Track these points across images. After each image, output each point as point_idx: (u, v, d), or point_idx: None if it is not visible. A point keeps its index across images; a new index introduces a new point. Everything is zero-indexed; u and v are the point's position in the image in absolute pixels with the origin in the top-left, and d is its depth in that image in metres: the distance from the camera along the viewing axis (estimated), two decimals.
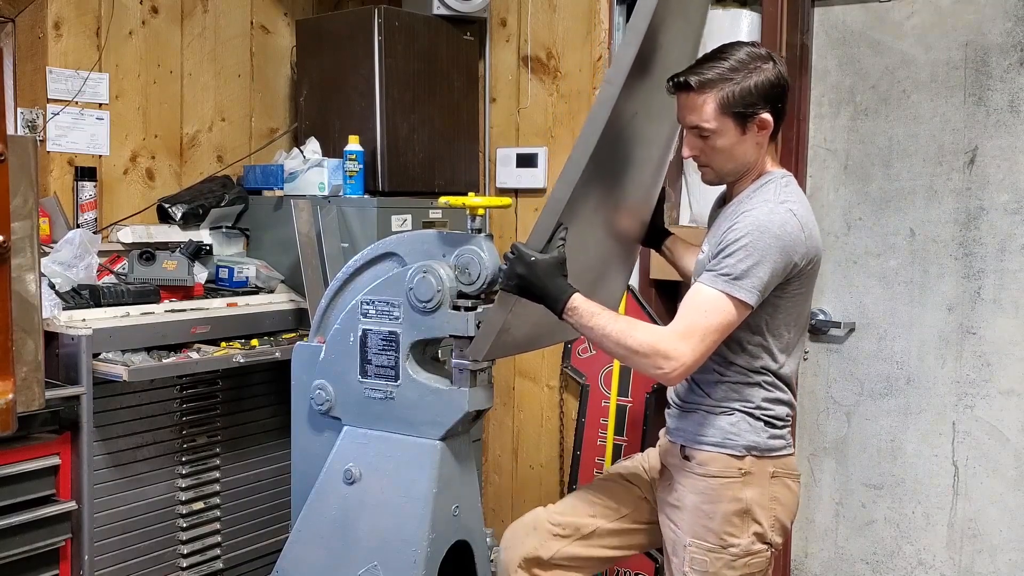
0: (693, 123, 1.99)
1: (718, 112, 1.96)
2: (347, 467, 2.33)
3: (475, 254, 2.19)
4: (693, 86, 1.96)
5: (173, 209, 3.22)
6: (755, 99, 1.96)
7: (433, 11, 3.48)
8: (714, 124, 1.97)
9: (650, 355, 1.89)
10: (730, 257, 1.91)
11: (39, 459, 2.49)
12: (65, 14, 3.08)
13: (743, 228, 1.93)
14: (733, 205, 2.07)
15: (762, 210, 1.95)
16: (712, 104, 1.95)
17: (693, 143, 2.03)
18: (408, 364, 2.28)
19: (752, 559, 2.05)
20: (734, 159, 2.02)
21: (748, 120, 1.97)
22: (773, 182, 2.04)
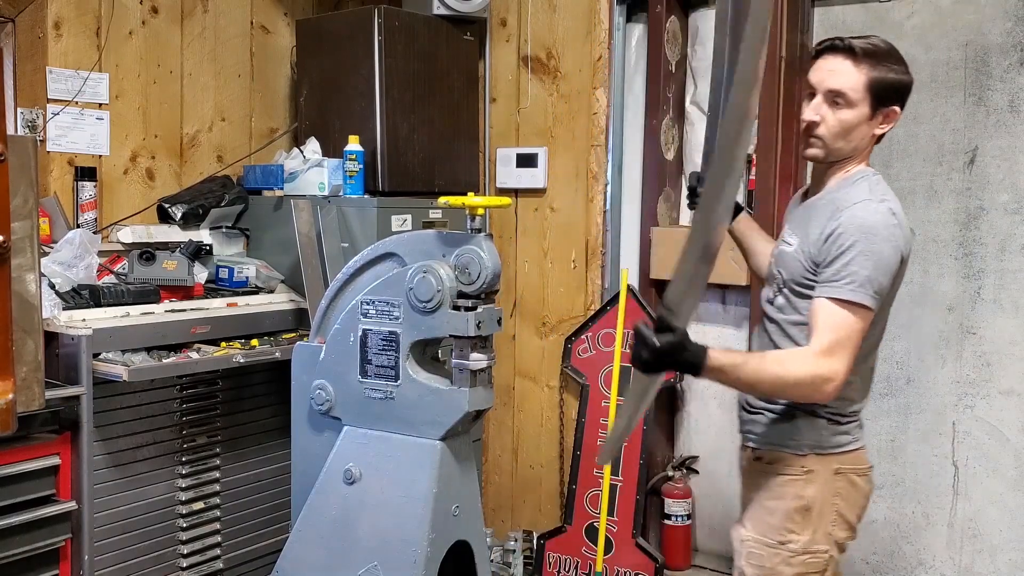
0: (836, 86, 1.95)
1: (866, 86, 1.94)
2: (347, 467, 2.33)
3: (475, 254, 2.19)
4: (857, 52, 1.95)
5: (173, 209, 3.22)
6: (897, 93, 1.98)
7: (433, 11, 3.48)
8: (856, 95, 1.94)
9: (812, 382, 1.85)
10: (850, 264, 1.87)
11: (39, 459, 2.48)
12: (65, 14, 3.08)
13: (853, 232, 1.89)
14: (825, 198, 2.02)
15: (866, 209, 1.92)
16: (864, 77, 1.94)
17: (820, 108, 1.98)
18: (408, 364, 2.28)
19: (810, 558, 2.02)
20: (850, 138, 1.98)
21: (883, 107, 1.97)
22: (866, 179, 2.01)
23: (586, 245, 3.58)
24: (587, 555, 3.43)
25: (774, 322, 2.05)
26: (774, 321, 2.05)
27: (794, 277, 1.99)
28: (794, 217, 2.11)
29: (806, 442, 2.03)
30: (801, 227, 2.02)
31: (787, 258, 2.03)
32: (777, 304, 2.05)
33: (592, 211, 3.55)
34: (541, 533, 3.56)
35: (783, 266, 2.03)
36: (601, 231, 3.54)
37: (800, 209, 2.10)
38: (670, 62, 3.45)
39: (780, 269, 2.04)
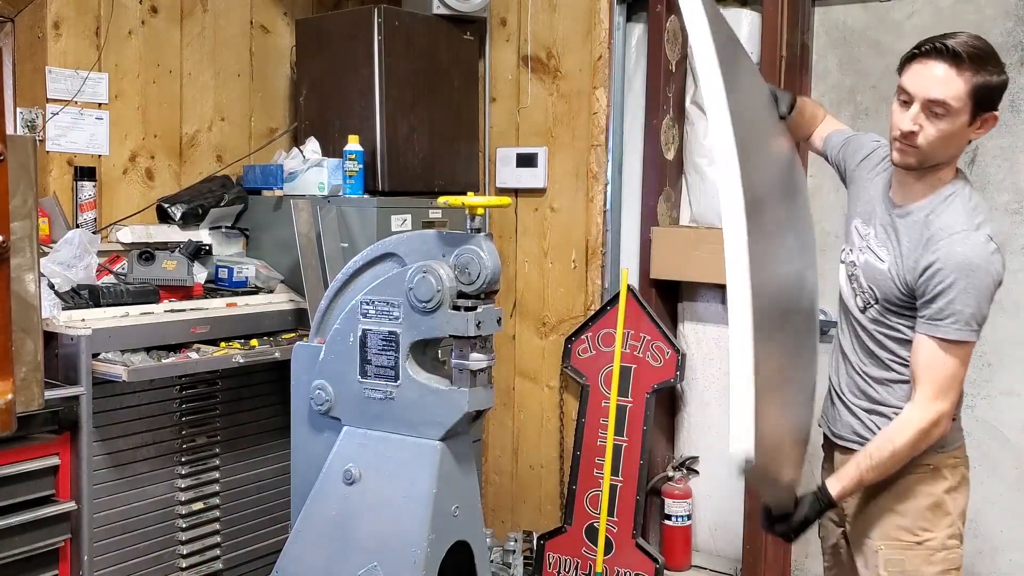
0: (938, 96, 1.81)
1: (969, 94, 1.81)
2: (347, 467, 2.33)
3: (475, 253, 2.19)
4: (962, 57, 1.79)
5: (172, 209, 3.22)
6: (997, 97, 1.86)
7: (433, 11, 3.48)
8: (958, 104, 1.81)
9: (928, 432, 1.89)
10: (953, 303, 1.83)
11: (39, 459, 2.48)
12: (65, 14, 3.07)
13: (953, 270, 1.83)
14: (916, 215, 1.94)
15: (965, 243, 1.85)
16: (967, 84, 1.80)
17: (918, 118, 1.84)
18: (408, 364, 2.28)
19: (949, 553, 1.99)
20: (948, 148, 1.88)
21: (982, 112, 1.85)
22: (958, 196, 1.92)
23: (586, 245, 3.58)
24: (587, 555, 3.43)
25: (866, 331, 2.02)
26: (866, 330, 2.02)
27: (888, 297, 1.95)
28: (878, 220, 2.01)
29: None
30: (891, 241, 1.96)
31: (880, 276, 1.96)
32: (870, 315, 2.00)
33: (592, 211, 3.55)
34: (541, 533, 3.56)
35: (876, 284, 1.97)
36: (601, 231, 3.54)
37: (887, 216, 1.99)
38: (670, 62, 3.45)
39: (872, 286, 1.98)
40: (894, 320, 1.96)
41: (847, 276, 2.07)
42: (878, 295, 1.96)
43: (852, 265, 2.04)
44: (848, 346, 2.07)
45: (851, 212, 2.12)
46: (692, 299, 3.56)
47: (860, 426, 2.05)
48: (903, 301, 1.93)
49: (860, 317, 2.02)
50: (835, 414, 2.12)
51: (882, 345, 1.99)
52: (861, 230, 2.04)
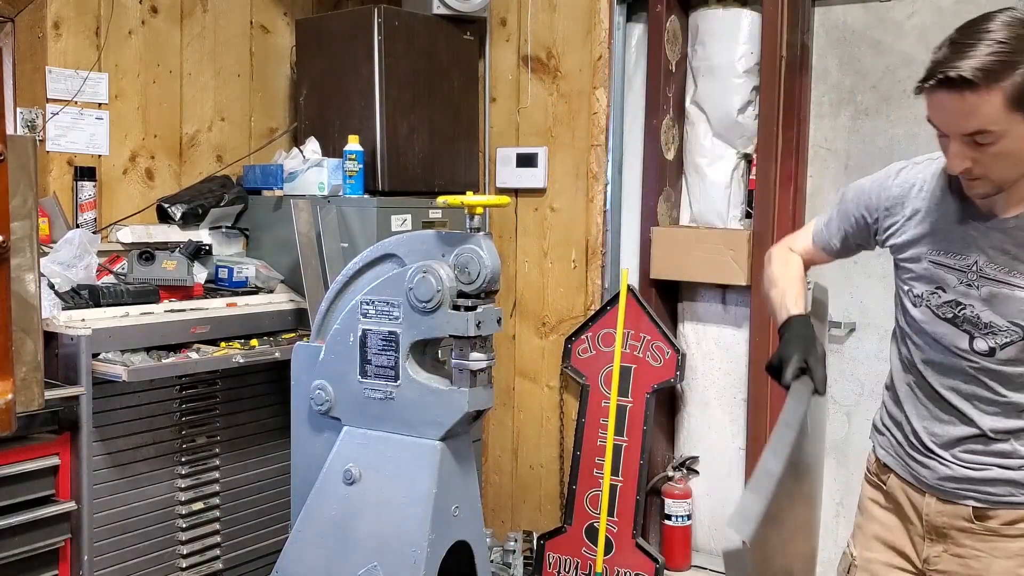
0: (972, 128, 1.49)
1: (1008, 107, 1.46)
2: (347, 467, 2.33)
3: (474, 253, 2.19)
4: (975, 80, 1.45)
5: (173, 209, 3.22)
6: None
7: (433, 11, 3.48)
8: (1003, 125, 1.47)
9: None
10: None
11: (39, 459, 2.48)
12: (65, 14, 3.07)
13: None
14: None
15: None
16: (999, 100, 1.45)
17: (964, 153, 1.52)
18: (408, 364, 2.28)
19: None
20: (1019, 162, 1.54)
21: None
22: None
23: (586, 245, 3.58)
24: (587, 555, 3.43)
25: (995, 375, 1.65)
26: (995, 375, 1.65)
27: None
28: (979, 244, 1.64)
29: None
30: (1019, 260, 1.60)
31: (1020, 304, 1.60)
32: (1004, 356, 1.63)
33: (592, 211, 3.55)
34: (541, 533, 3.56)
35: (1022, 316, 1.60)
36: (601, 231, 3.54)
37: (997, 233, 1.63)
38: (670, 62, 3.45)
39: (1020, 320, 1.60)
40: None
41: (949, 319, 1.68)
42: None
43: (955, 306, 1.67)
44: (950, 398, 1.71)
45: (914, 252, 1.74)
46: (692, 299, 3.56)
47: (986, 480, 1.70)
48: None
49: (984, 362, 1.65)
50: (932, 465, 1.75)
51: (1013, 389, 1.65)
52: (953, 263, 1.68)
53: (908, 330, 1.76)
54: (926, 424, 1.74)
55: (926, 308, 1.71)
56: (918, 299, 1.72)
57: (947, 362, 1.69)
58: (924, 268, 1.70)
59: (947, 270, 1.67)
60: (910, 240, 1.73)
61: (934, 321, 1.70)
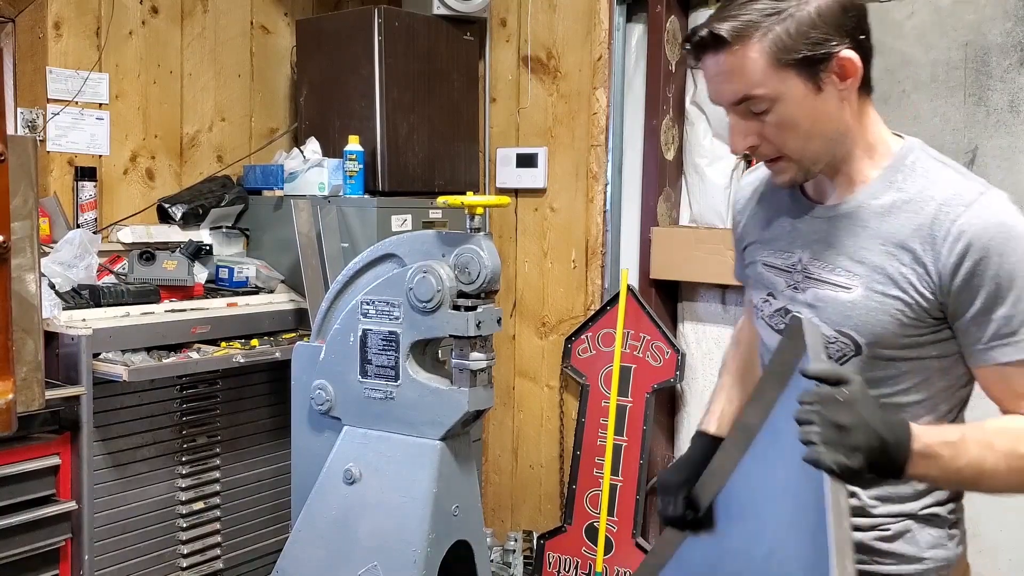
0: (738, 94, 1.30)
1: (772, 66, 1.27)
2: (347, 467, 2.33)
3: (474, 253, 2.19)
4: (726, 37, 1.27)
5: (173, 209, 3.22)
6: (822, 32, 1.27)
7: (433, 11, 3.48)
8: (770, 86, 1.28)
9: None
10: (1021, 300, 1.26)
11: (39, 459, 2.48)
12: (65, 14, 3.08)
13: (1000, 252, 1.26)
14: (872, 205, 1.35)
15: (990, 207, 1.28)
16: (760, 56, 1.27)
17: (744, 127, 1.33)
18: (408, 364, 2.28)
19: None
20: (816, 133, 1.31)
21: (821, 66, 1.28)
22: (922, 153, 1.39)
23: (586, 245, 3.58)
24: (587, 555, 3.43)
25: None
26: None
27: (882, 339, 1.33)
28: (804, 236, 1.42)
29: (935, 556, 1.40)
30: (843, 255, 1.36)
31: (857, 312, 1.34)
32: None
33: (592, 211, 3.55)
34: (541, 533, 3.56)
35: (853, 325, 1.34)
36: (601, 231, 3.54)
37: (821, 223, 1.41)
38: (670, 62, 3.45)
39: (851, 331, 1.34)
40: (898, 368, 1.36)
41: (780, 332, 1.44)
42: (861, 342, 1.34)
43: (784, 314, 1.43)
44: None
45: (751, 256, 1.54)
46: (692, 299, 3.56)
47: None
48: (915, 338, 1.33)
49: None
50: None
51: None
52: (780, 262, 1.45)
53: (760, 345, 1.54)
54: None
55: (761, 320, 1.49)
56: (757, 311, 1.49)
57: None
58: (758, 272, 1.49)
59: (775, 272, 1.45)
60: (749, 243, 1.54)
61: (770, 336, 1.47)
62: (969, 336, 1.30)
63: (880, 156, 1.37)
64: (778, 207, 1.48)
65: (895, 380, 1.36)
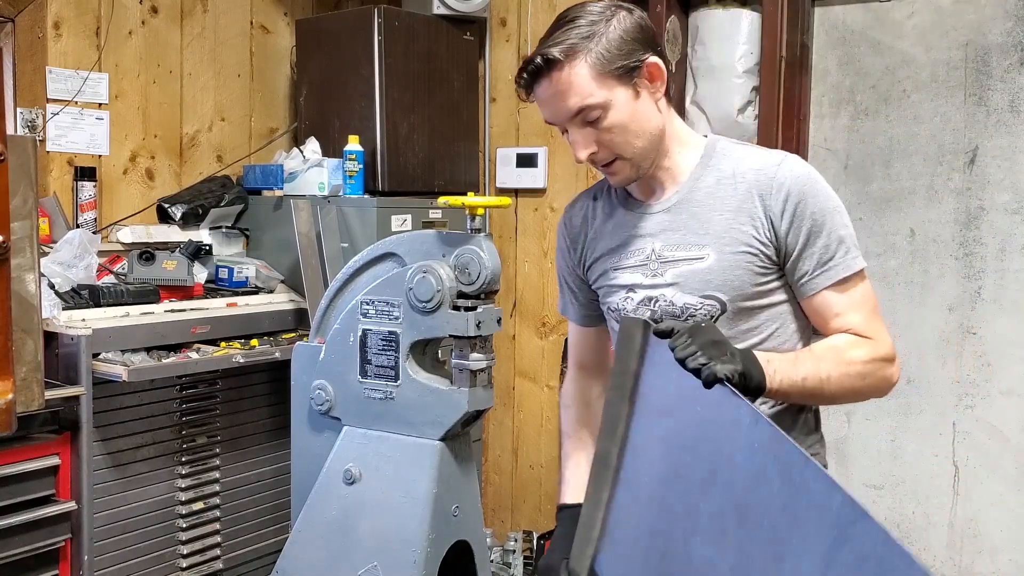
0: (575, 106, 1.50)
1: (598, 77, 1.49)
2: (347, 467, 2.33)
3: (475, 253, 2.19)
4: (559, 57, 1.48)
5: (173, 209, 3.22)
6: (631, 46, 1.51)
7: (433, 11, 3.48)
8: (600, 95, 1.49)
9: (882, 372, 1.54)
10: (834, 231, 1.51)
11: (39, 459, 2.48)
12: (65, 14, 3.08)
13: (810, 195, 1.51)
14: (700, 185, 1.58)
15: (796, 165, 1.54)
16: (587, 70, 1.48)
17: (584, 137, 1.53)
18: (408, 364, 2.28)
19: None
20: (641, 132, 1.54)
21: (635, 73, 1.51)
22: (724, 141, 1.62)
23: None
24: None
25: None
26: None
27: (742, 291, 1.54)
28: (652, 228, 1.62)
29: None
30: (688, 232, 1.57)
31: (714, 274, 1.54)
32: None
33: None
34: (541, 533, 3.55)
35: (716, 288, 1.54)
36: None
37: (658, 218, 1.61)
38: (670, 62, 3.44)
39: (712, 293, 1.54)
40: (754, 319, 1.56)
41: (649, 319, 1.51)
42: (725, 299, 1.54)
43: (649, 302, 1.61)
44: None
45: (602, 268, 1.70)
46: None
47: None
48: (763, 285, 1.55)
49: None
50: None
51: None
52: (634, 261, 1.64)
53: None
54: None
55: (625, 316, 1.62)
56: (616, 312, 1.65)
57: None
58: (612, 279, 1.67)
59: (631, 270, 1.63)
60: (596, 259, 1.71)
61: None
62: (798, 271, 1.53)
63: (693, 148, 1.61)
64: (616, 220, 1.68)
65: (757, 330, 1.56)
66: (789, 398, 1.51)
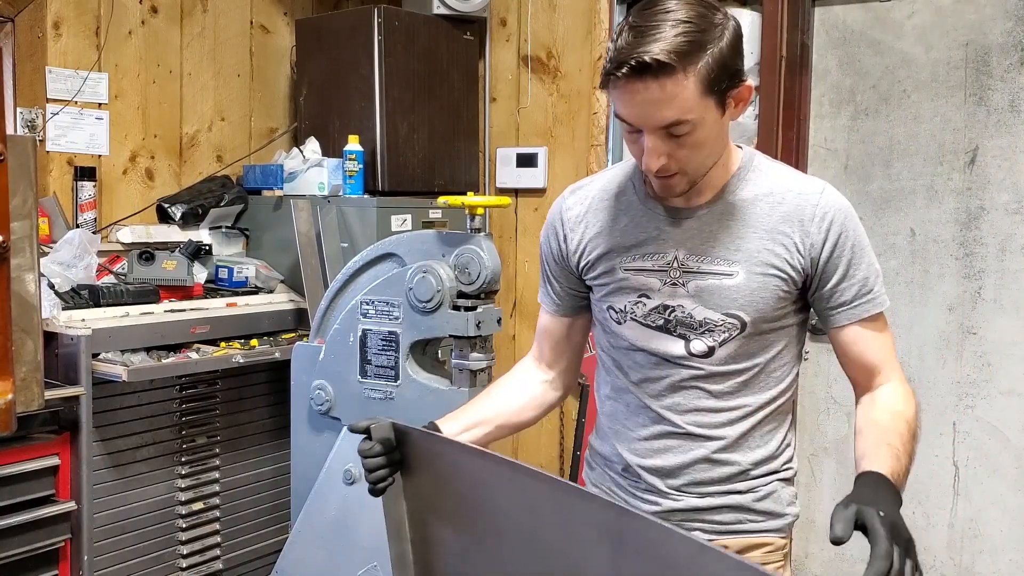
0: (669, 119, 1.36)
1: (702, 93, 1.35)
2: (347, 467, 2.33)
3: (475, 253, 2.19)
4: (671, 63, 1.32)
5: (172, 209, 3.22)
6: (738, 64, 1.41)
7: (433, 11, 3.48)
8: (697, 112, 1.36)
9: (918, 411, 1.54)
10: (870, 267, 1.50)
11: (39, 459, 2.48)
12: (65, 14, 3.07)
13: (851, 229, 1.48)
14: (735, 199, 1.50)
15: (837, 196, 1.51)
16: (696, 83, 1.34)
17: (661, 147, 1.40)
18: (408, 364, 2.28)
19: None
20: (715, 152, 1.46)
21: (729, 95, 1.40)
22: (762, 157, 1.56)
23: None
24: None
25: (717, 377, 1.52)
26: (717, 376, 1.52)
27: (764, 314, 1.49)
28: (678, 236, 1.52)
29: (788, 513, 1.59)
30: (717, 246, 1.50)
31: (742, 292, 1.48)
32: (722, 355, 1.50)
33: None
34: None
35: (739, 306, 1.48)
36: None
37: (687, 223, 1.52)
38: None
39: (738, 311, 1.48)
40: (770, 339, 1.52)
41: (660, 327, 1.53)
42: (747, 319, 1.48)
43: (664, 310, 1.53)
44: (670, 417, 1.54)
45: (606, 266, 1.59)
46: None
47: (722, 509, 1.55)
48: (786, 309, 1.51)
49: (703, 366, 1.51)
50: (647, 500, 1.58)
51: (750, 388, 1.53)
52: (651, 264, 1.54)
53: (616, 354, 1.61)
54: (642, 460, 1.57)
55: (632, 321, 1.56)
56: (622, 314, 1.57)
57: (663, 376, 1.54)
58: (621, 278, 1.56)
59: (647, 274, 1.54)
60: (600, 255, 1.59)
61: (645, 333, 1.55)
62: (834, 300, 1.50)
63: (732, 162, 1.53)
64: (633, 216, 1.56)
65: (768, 349, 1.53)
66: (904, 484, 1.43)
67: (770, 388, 1.55)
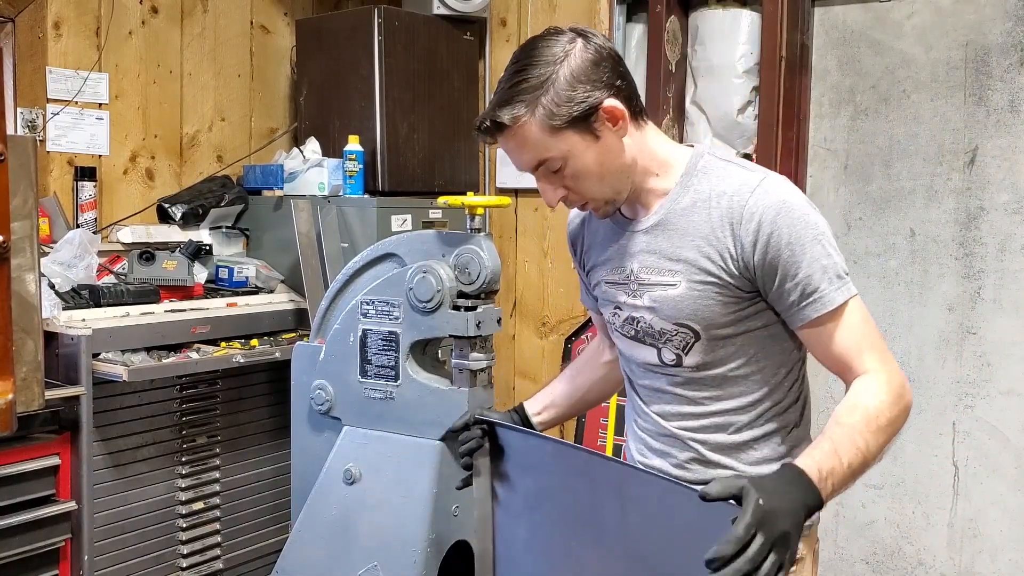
0: (532, 161, 1.51)
1: (549, 133, 1.45)
2: (347, 467, 2.33)
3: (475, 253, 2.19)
4: (506, 122, 1.46)
5: (173, 209, 3.22)
6: (582, 92, 1.45)
7: (433, 11, 3.48)
8: (555, 149, 1.46)
9: (904, 407, 1.42)
10: (815, 261, 1.41)
11: (39, 459, 2.48)
12: (65, 14, 3.08)
13: (783, 226, 1.41)
14: (677, 207, 1.51)
15: (770, 192, 1.44)
16: (536, 128, 1.45)
17: (551, 184, 1.52)
18: (408, 364, 2.28)
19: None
20: (607, 173, 1.49)
21: (591, 119, 1.45)
22: (707, 156, 1.53)
23: None
24: None
25: (699, 385, 1.54)
26: (698, 383, 1.54)
27: (712, 321, 1.49)
28: (628, 251, 1.58)
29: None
30: (662, 258, 1.52)
31: (685, 301, 1.49)
32: (691, 363, 1.52)
33: None
34: None
35: (687, 315, 1.49)
36: None
37: (639, 236, 1.56)
38: (670, 62, 3.45)
39: (687, 321, 1.50)
40: (723, 351, 1.51)
41: (633, 337, 1.59)
42: (698, 328, 1.50)
43: (632, 321, 1.58)
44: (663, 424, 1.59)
45: (596, 279, 1.68)
46: None
47: None
48: (734, 316, 1.49)
49: (678, 373, 1.55)
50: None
51: (719, 392, 1.53)
52: (617, 277, 1.60)
53: (621, 358, 1.69)
54: (645, 460, 1.63)
55: (616, 332, 1.64)
56: (611, 325, 1.64)
57: (651, 383, 1.60)
58: (604, 291, 1.64)
59: (616, 287, 1.60)
60: (592, 267, 1.69)
61: (627, 343, 1.62)
62: (782, 303, 1.46)
63: (674, 169, 1.53)
64: (605, 231, 1.64)
65: (733, 356, 1.51)
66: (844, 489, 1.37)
67: (753, 392, 1.53)
